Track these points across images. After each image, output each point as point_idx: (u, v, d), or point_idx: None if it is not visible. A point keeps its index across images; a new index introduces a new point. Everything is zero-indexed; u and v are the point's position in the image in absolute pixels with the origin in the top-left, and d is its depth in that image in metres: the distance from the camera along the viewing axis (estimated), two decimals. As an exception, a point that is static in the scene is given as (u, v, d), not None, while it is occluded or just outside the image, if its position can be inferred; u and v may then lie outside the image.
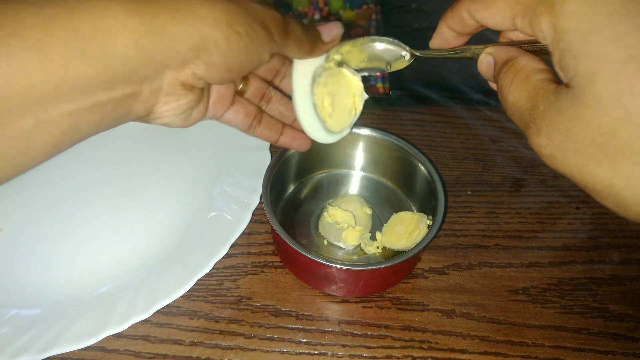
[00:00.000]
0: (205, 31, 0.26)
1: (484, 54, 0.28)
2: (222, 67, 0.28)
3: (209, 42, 0.26)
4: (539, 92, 0.23)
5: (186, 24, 0.26)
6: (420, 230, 0.40)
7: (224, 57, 0.28)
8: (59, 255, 0.42)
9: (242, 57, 0.28)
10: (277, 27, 0.30)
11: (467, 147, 0.53)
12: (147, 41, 0.25)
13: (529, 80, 0.24)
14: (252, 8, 0.28)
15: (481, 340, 0.38)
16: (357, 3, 0.87)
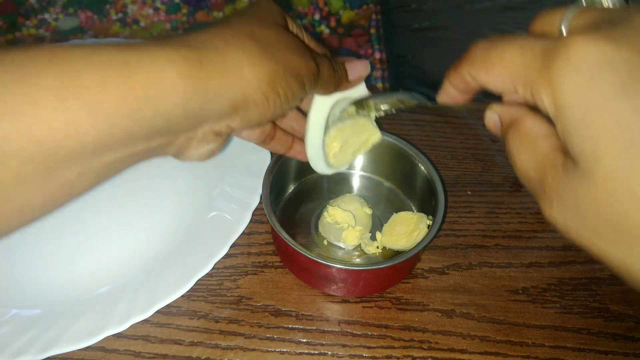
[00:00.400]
0: (248, 92, 0.28)
1: (490, 112, 0.29)
2: (255, 121, 0.30)
3: (249, 102, 0.28)
4: (546, 163, 0.23)
5: (232, 87, 0.27)
6: (420, 230, 0.40)
7: (259, 114, 0.29)
8: (59, 255, 0.42)
9: (276, 111, 0.30)
10: (310, 78, 0.31)
11: (467, 147, 0.53)
12: (194, 103, 0.26)
13: (535, 147, 0.24)
14: (291, 63, 0.30)
15: (481, 340, 0.38)
16: (357, 3, 0.87)
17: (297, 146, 0.39)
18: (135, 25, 0.86)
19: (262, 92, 0.28)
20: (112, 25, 0.84)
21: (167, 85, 0.25)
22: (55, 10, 0.85)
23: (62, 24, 0.83)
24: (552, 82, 0.22)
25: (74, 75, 0.23)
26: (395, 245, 0.40)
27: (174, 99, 0.25)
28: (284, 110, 0.31)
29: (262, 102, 0.29)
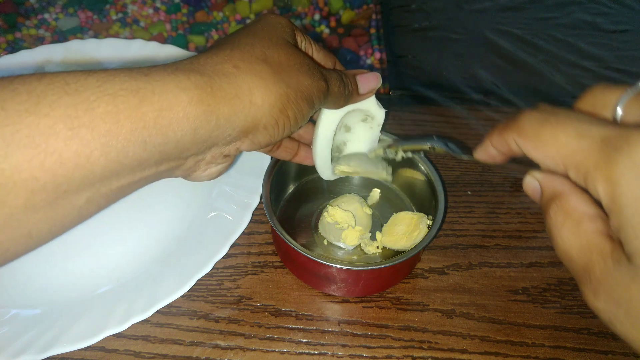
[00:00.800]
0: (259, 117, 0.28)
1: (530, 178, 0.28)
2: (265, 143, 0.30)
3: (259, 126, 0.28)
4: (593, 249, 0.23)
5: (242, 112, 0.27)
6: (420, 230, 0.40)
7: (269, 136, 0.30)
8: (59, 256, 0.42)
9: (285, 133, 0.30)
10: (320, 97, 0.31)
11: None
12: (203, 129, 0.26)
13: (581, 228, 0.24)
14: (302, 85, 0.30)
15: (481, 340, 0.38)
16: (357, 3, 0.87)
17: (303, 152, 0.40)
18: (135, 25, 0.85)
19: (273, 116, 0.28)
20: (112, 25, 0.84)
21: (178, 112, 0.25)
22: (55, 10, 0.85)
23: (62, 24, 0.83)
24: (612, 176, 0.21)
25: (87, 105, 0.23)
26: (395, 246, 0.40)
27: (185, 126, 0.25)
28: (292, 131, 0.31)
29: (272, 126, 0.29)
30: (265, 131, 0.29)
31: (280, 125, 0.29)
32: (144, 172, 0.26)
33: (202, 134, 0.26)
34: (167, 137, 0.25)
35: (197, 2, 0.91)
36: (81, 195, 0.24)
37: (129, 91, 0.24)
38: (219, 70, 0.27)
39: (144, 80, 0.25)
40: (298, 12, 0.88)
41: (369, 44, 0.81)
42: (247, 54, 0.28)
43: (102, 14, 0.86)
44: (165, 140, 0.25)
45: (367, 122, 0.41)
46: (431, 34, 0.74)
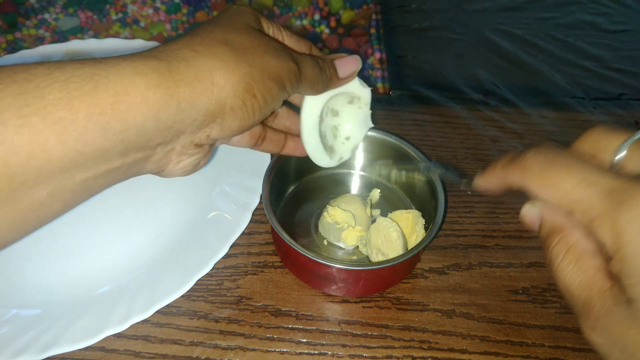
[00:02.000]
0: (223, 98, 0.27)
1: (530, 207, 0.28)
2: (237, 127, 0.29)
3: (226, 108, 0.28)
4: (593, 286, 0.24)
5: (205, 94, 0.27)
6: (417, 233, 0.40)
7: (239, 119, 0.29)
8: (59, 256, 0.42)
9: (257, 116, 0.30)
10: (290, 79, 0.31)
11: (467, 147, 0.53)
12: (165, 114, 0.25)
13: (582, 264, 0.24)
14: (268, 65, 0.29)
15: (481, 340, 0.38)
16: (357, 3, 0.87)
17: (291, 143, 0.39)
18: (135, 25, 0.86)
19: (239, 97, 0.28)
20: (112, 25, 0.84)
21: (135, 97, 0.24)
22: (55, 10, 0.85)
23: (62, 24, 0.83)
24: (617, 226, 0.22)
25: (37, 93, 0.22)
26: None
27: (144, 111, 0.25)
28: (265, 113, 0.30)
29: (240, 107, 0.28)
30: (233, 114, 0.28)
31: (249, 107, 0.28)
32: (110, 163, 0.25)
33: (164, 119, 0.25)
34: (127, 123, 0.24)
35: (197, 2, 0.91)
36: (41, 188, 0.23)
37: (82, 77, 0.23)
38: (177, 54, 0.27)
39: (98, 67, 0.24)
40: (298, 12, 0.88)
41: (368, 44, 0.81)
42: (207, 39, 0.28)
43: (102, 14, 0.86)
44: (125, 126, 0.24)
45: (354, 104, 0.40)
46: (431, 34, 0.74)
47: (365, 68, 0.78)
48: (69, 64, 0.24)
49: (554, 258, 0.26)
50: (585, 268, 0.24)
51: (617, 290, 0.23)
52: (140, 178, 0.47)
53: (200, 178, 0.46)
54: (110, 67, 0.24)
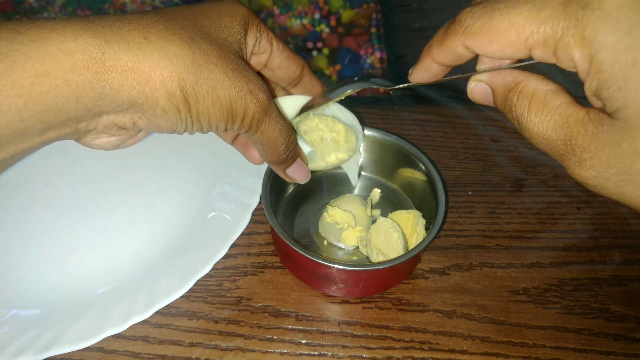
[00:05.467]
0: (155, 97, 0.25)
1: (474, 82, 0.27)
2: (167, 128, 0.27)
3: (157, 108, 0.25)
4: (569, 120, 0.22)
5: (135, 88, 0.24)
6: (418, 233, 0.39)
7: (170, 123, 0.26)
8: (59, 256, 0.42)
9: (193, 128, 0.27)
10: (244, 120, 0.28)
11: (468, 147, 0.53)
12: (87, 97, 0.23)
13: (549, 106, 0.23)
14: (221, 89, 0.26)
15: (482, 341, 0.38)
16: (357, 2, 0.87)
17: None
18: (135, 25, 0.86)
19: (173, 103, 0.25)
20: (111, 24, 0.85)
21: (57, 79, 0.22)
22: (54, 10, 0.85)
23: (61, 23, 0.83)
24: (585, 36, 0.20)
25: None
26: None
27: (65, 91, 0.23)
28: (205, 130, 0.28)
29: (174, 113, 0.26)
30: (165, 116, 0.25)
31: (183, 117, 0.26)
32: (27, 142, 0.24)
33: (85, 101, 0.23)
34: (45, 104, 0.22)
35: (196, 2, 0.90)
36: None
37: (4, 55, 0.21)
38: (122, 36, 0.24)
39: (18, 40, 0.21)
40: (298, 11, 0.88)
41: (369, 43, 0.81)
42: (169, 30, 0.25)
43: (101, 13, 0.86)
44: (44, 108, 0.22)
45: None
46: (431, 33, 0.73)
47: (365, 67, 0.78)
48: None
49: (520, 115, 0.24)
50: (554, 108, 0.23)
51: (595, 112, 0.21)
52: (140, 178, 0.47)
53: (200, 178, 0.46)
54: (32, 41, 0.22)
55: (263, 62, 0.33)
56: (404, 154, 0.44)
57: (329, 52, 0.82)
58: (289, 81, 0.35)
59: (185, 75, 0.25)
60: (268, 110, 0.28)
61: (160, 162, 0.49)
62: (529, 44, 0.22)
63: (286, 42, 0.86)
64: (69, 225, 0.44)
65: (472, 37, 0.24)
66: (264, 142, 0.30)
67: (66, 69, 0.22)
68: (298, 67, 0.34)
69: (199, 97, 0.26)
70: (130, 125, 0.26)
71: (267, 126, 0.29)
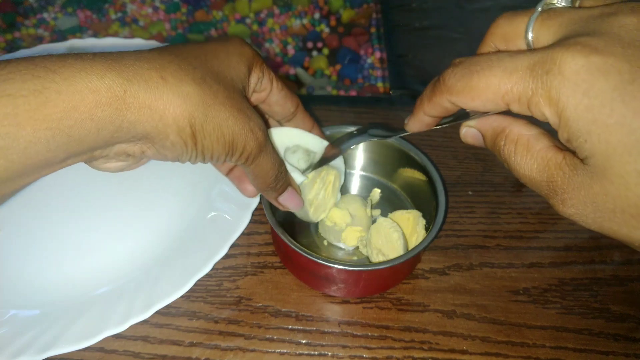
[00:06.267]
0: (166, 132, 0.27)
1: (466, 127, 0.30)
2: (173, 158, 0.29)
3: (166, 141, 0.27)
4: (550, 164, 0.25)
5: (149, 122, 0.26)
6: (418, 233, 0.39)
7: (177, 154, 0.29)
8: (59, 256, 0.42)
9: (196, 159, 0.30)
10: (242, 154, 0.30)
11: (468, 147, 0.53)
12: (107, 130, 0.25)
13: (532, 150, 0.26)
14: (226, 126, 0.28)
15: (482, 341, 0.38)
16: (357, 2, 0.87)
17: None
18: (135, 25, 0.85)
19: (182, 138, 0.27)
20: (111, 24, 0.84)
21: (83, 114, 0.24)
22: (54, 10, 0.85)
23: (61, 23, 0.83)
24: (551, 97, 0.23)
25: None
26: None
27: (88, 125, 0.25)
28: (206, 161, 0.31)
29: (181, 146, 0.28)
30: (173, 148, 0.28)
31: (190, 149, 0.28)
32: (49, 169, 0.26)
33: (104, 134, 0.26)
34: (70, 136, 0.24)
35: (196, 1, 0.90)
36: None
37: (31, 91, 0.23)
38: (142, 75, 0.26)
39: (50, 79, 0.24)
40: (298, 10, 0.88)
41: (369, 43, 0.81)
42: (183, 71, 0.27)
43: (101, 13, 0.86)
44: (69, 140, 0.24)
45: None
46: (431, 33, 0.73)
47: (365, 67, 0.78)
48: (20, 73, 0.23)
49: (507, 158, 0.27)
50: (536, 152, 0.26)
51: (570, 157, 0.24)
52: (140, 178, 0.47)
53: (200, 178, 0.46)
54: (63, 79, 0.24)
55: (262, 98, 0.35)
56: (404, 154, 0.44)
57: (329, 52, 0.82)
58: (283, 116, 0.38)
59: (196, 113, 0.27)
60: (264, 147, 0.31)
61: (160, 162, 0.49)
62: (506, 101, 0.25)
63: (286, 42, 0.86)
64: (69, 225, 0.44)
65: (457, 95, 0.27)
66: (256, 173, 0.33)
67: (92, 105, 0.24)
68: (293, 106, 0.37)
69: (206, 133, 0.28)
70: (139, 153, 0.29)
71: (262, 160, 0.32)
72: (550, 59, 0.23)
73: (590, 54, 0.22)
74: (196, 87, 0.27)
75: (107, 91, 0.25)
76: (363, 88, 0.74)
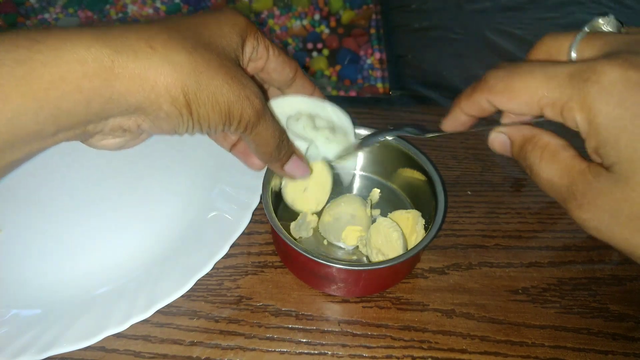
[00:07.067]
0: (159, 102, 0.26)
1: (495, 133, 0.31)
2: (169, 130, 0.29)
3: (161, 112, 0.27)
4: (572, 170, 0.26)
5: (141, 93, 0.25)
6: (417, 233, 0.40)
7: (173, 125, 0.28)
8: (59, 255, 0.42)
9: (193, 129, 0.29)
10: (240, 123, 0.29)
11: (467, 147, 0.53)
12: (97, 102, 0.25)
13: (557, 157, 0.27)
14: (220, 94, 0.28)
15: (481, 340, 0.38)
16: (357, 3, 0.87)
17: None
18: (136, 25, 0.86)
19: (176, 107, 0.27)
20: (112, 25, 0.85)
21: (70, 85, 0.24)
22: (55, 10, 0.85)
23: (62, 23, 0.83)
24: (586, 104, 0.24)
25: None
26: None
27: (77, 97, 0.24)
28: (204, 131, 0.30)
29: (176, 116, 0.27)
30: (168, 118, 0.27)
31: (185, 119, 0.27)
32: (41, 143, 0.25)
33: (94, 106, 0.25)
34: (59, 108, 0.24)
35: (197, 2, 0.91)
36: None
37: (15, 61, 0.22)
38: (130, 46, 0.25)
39: (35, 49, 0.23)
40: (298, 12, 0.88)
41: (369, 44, 0.81)
42: (173, 40, 0.26)
43: (102, 13, 0.86)
44: (57, 112, 0.24)
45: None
46: (431, 34, 0.74)
47: (365, 68, 0.78)
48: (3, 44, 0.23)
49: (532, 162, 0.29)
50: (562, 158, 0.27)
51: (594, 166, 0.26)
52: (140, 178, 0.47)
53: (200, 178, 0.46)
54: (49, 49, 0.23)
55: (260, 67, 0.35)
56: (404, 154, 0.44)
57: (329, 52, 0.82)
58: (283, 83, 0.37)
59: (188, 82, 0.26)
60: (262, 114, 0.31)
61: (160, 162, 0.49)
62: (541, 104, 0.26)
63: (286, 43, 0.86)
64: (70, 225, 0.44)
65: (495, 95, 0.28)
66: (257, 142, 0.32)
67: (79, 76, 0.24)
68: (292, 71, 0.36)
69: (200, 102, 0.27)
70: (135, 127, 0.28)
71: (261, 128, 0.31)
72: (590, 69, 0.24)
73: (629, 68, 0.23)
74: (187, 56, 0.26)
75: (94, 62, 0.24)
76: (363, 89, 0.74)
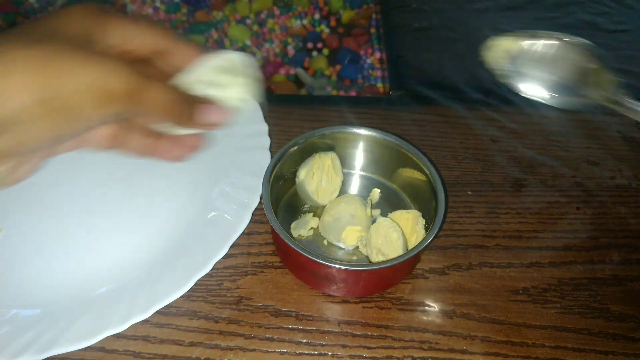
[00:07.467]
0: (17, 109, 0.23)
1: None
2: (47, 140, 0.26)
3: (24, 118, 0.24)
4: None
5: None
6: (417, 233, 0.40)
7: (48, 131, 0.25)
8: (59, 255, 0.42)
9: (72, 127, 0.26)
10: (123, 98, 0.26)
11: (467, 147, 0.53)
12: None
13: None
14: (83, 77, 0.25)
15: (481, 341, 0.38)
16: (357, 2, 0.87)
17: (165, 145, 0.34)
18: (135, 25, 0.85)
19: (40, 107, 0.24)
20: (111, 25, 0.84)
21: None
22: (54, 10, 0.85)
23: (61, 23, 0.83)
24: None
25: None
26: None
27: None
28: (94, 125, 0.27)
29: (44, 118, 0.24)
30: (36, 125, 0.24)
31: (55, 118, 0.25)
32: None
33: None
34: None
35: (196, 2, 0.90)
36: None
37: None
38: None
39: None
40: (298, 11, 0.88)
41: (369, 44, 0.81)
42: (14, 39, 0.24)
43: (101, 13, 0.86)
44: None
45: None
46: (431, 33, 0.74)
47: (365, 68, 0.78)
48: None
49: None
50: None
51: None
52: (140, 178, 0.47)
53: (200, 178, 0.46)
54: None
55: (134, 48, 0.30)
56: (404, 154, 0.44)
57: (329, 52, 0.82)
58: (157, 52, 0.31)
59: (39, 78, 0.24)
60: (140, 81, 0.27)
61: (160, 162, 0.49)
62: None
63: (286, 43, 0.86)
64: (69, 225, 0.44)
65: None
66: (154, 108, 0.28)
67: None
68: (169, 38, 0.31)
69: (60, 91, 0.24)
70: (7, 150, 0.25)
71: (149, 93, 0.27)
72: None
73: None
74: (32, 50, 0.24)
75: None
76: (363, 88, 0.74)
